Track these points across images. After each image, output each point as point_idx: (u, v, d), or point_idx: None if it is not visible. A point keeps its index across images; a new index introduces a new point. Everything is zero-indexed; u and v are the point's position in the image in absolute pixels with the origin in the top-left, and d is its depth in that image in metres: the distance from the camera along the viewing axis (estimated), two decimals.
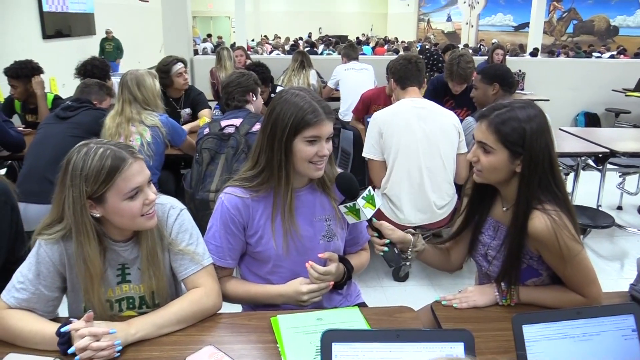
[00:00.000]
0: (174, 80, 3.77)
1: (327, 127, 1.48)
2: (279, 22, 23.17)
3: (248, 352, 1.31)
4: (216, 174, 2.67)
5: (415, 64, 3.03)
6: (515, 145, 1.43)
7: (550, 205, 1.44)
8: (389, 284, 3.24)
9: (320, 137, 1.48)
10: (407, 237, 1.60)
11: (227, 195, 1.56)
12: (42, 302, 1.36)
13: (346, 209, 1.48)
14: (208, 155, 2.71)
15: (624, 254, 3.74)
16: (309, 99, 1.47)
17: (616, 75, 7.42)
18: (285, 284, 1.58)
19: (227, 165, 2.67)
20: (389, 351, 0.96)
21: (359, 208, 1.46)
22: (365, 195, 1.47)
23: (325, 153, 1.50)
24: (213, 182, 2.66)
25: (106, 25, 11.35)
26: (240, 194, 1.55)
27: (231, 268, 1.65)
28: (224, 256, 1.58)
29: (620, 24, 19.57)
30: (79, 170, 1.29)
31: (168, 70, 3.74)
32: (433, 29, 23.64)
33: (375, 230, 1.55)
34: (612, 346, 1.12)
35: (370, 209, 1.47)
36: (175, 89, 3.85)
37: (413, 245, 1.61)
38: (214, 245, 1.57)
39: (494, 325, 1.42)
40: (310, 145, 1.47)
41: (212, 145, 2.73)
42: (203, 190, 2.66)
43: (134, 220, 1.35)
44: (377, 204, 1.49)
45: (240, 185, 1.56)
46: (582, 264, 1.44)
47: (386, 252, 1.53)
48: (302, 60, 5.49)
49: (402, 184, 2.90)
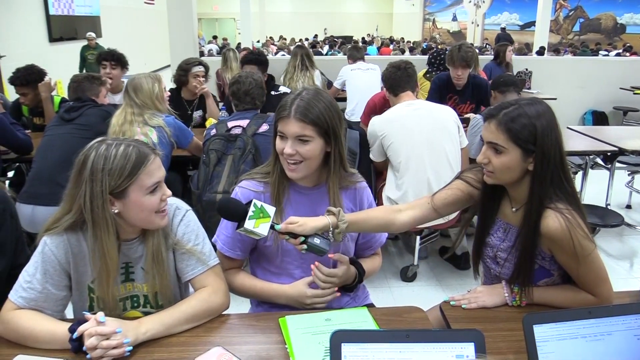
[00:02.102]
0: (190, 79, 3.86)
1: (292, 126, 1.45)
2: (284, 23, 23.17)
3: (256, 353, 1.30)
4: (223, 175, 2.67)
5: (405, 70, 3.07)
6: (527, 142, 1.42)
7: (562, 204, 1.42)
8: (397, 285, 3.23)
9: (285, 135, 1.47)
10: (321, 222, 1.43)
11: (241, 188, 1.59)
12: (51, 301, 1.37)
13: (245, 232, 1.39)
14: (215, 157, 2.71)
15: (634, 253, 3.71)
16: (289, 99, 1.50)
17: (624, 73, 7.37)
18: (291, 284, 1.58)
19: (234, 167, 2.67)
20: (398, 351, 0.96)
21: (252, 230, 1.36)
22: (252, 213, 1.37)
23: (288, 152, 1.46)
24: (220, 184, 2.66)
25: (112, 27, 11.34)
26: (254, 187, 1.57)
27: (240, 260, 1.65)
28: (233, 247, 1.60)
29: (627, 22, 19.42)
30: (100, 165, 1.30)
31: (188, 69, 3.85)
32: (438, 28, 23.57)
33: (286, 234, 1.41)
34: (624, 346, 1.11)
35: (264, 223, 1.37)
36: (189, 90, 3.90)
37: (334, 227, 1.44)
38: (225, 235, 1.60)
39: (503, 325, 1.41)
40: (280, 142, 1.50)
41: (219, 146, 2.73)
42: (210, 192, 2.66)
43: (151, 215, 1.37)
44: (270, 210, 1.39)
45: (254, 178, 1.59)
46: (595, 263, 1.43)
47: (307, 249, 1.41)
48: (302, 56, 5.32)
49: (409, 188, 2.90)
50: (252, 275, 1.70)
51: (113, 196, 1.33)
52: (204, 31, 20.77)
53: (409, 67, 3.10)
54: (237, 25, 21.42)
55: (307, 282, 1.55)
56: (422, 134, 2.88)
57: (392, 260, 3.54)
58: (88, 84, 3.20)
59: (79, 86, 3.19)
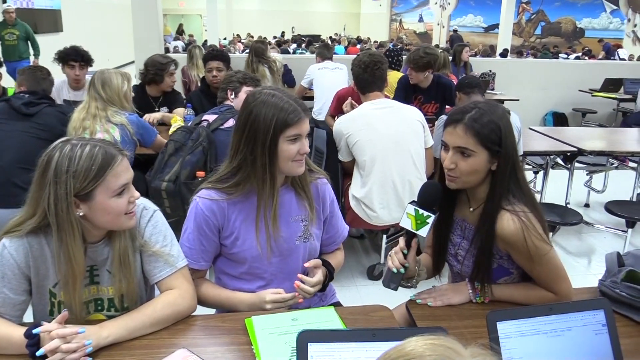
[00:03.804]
0: (165, 78, 3.81)
1: (306, 125, 1.50)
2: (251, 21, 23.02)
3: (222, 354, 1.29)
4: (176, 165, 2.66)
5: (371, 70, 3.03)
6: (494, 144, 1.44)
7: (519, 205, 1.45)
8: (363, 283, 3.25)
9: (301, 135, 1.49)
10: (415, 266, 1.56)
11: (201, 198, 1.55)
12: (8, 306, 1.31)
13: (414, 213, 1.42)
14: (172, 147, 2.73)
15: (592, 250, 3.83)
16: (286, 99, 1.48)
17: (583, 76, 7.60)
18: (253, 294, 1.56)
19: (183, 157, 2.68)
20: (365, 350, 0.96)
21: (429, 222, 1.41)
22: (434, 217, 1.43)
23: (307, 150, 1.51)
24: (170, 173, 2.67)
25: (74, 22, 11.00)
26: (215, 196, 1.54)
27: (204, 270, 1.63)
28: (197, 258, 1.57)
29: (586, 26, 20.08)
30: (64, 167, 1.25)
31: (164, 68, 3.79)
32: (405, 29, 23.83)
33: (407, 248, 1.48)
34: (583, 341, 1.14)
35: (427, 230, 1.43)
36: (159, 87, 3.87)
37: (418, 275, 1.57)
38: (188, 247, 1.56)
39: (467, 323, 1.44)
40: (292, 144, 1.48)
41: (180, 137, 2.76)
42: (159, 179, 2.65)
43: (118, 218, 1.33)
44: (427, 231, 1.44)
45: (214, 187, 1.55)
46: (551, 263, 1.46)
47: (399, 272, 1.47)
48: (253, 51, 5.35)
49: (374, 186, 2.92)
50: (217, 282, 1.68)
51: (78, 199, 1.28)
52: (170, 27, 20.45)
53: (377, 68, 3.05)
54: (203, 22, 21.15)
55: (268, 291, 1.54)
56: (388, 133, 2.90)
57: (359, 259, 3.55)
58: (30, 75, 3.01)
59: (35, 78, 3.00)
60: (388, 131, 2.91)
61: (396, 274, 1.47)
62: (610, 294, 1.52)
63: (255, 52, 5.44)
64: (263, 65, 5.36)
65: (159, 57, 3.93)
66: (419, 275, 1.57)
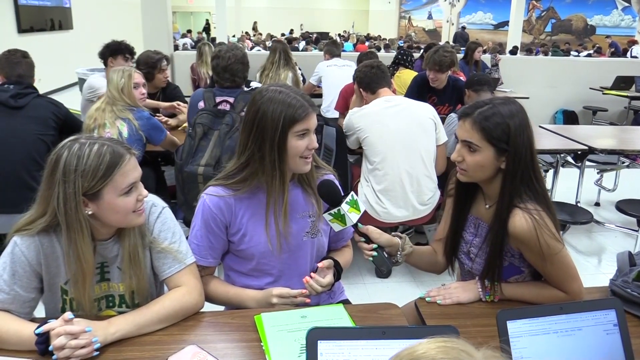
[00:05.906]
0: (156, 76, 3.77)
1: (314, 119, 1.50)
2: (260, 18, 23.02)
3: (232, 351, 1.29)
4: (208, 149, 2.65)
5: (378, 67, 3.13)
6: (501, 141, 1.43)
7: (532, 204, 1.44)
8: (371, 281, 3.25)
9: (309, 130, 1.49)
10: (394, 240, 1.58)
11: (208, 195, 1.55)
12: (18, 303, 1.33)
13: (331, 216, 1.46)
14: (201, 130, 2.69)
15: (602, 249, 3.80)
16: (293, 95, 1.48)
17: (593, 73, 7.53)
18: (261, 290, 1.56)
19: (219, 141, 2.65)
20: (375, 348, 0.96)
21: (343, 213, 1.44)
22: (349, 200, 1.45)
23: (315, 145, 1.51)
24: (204, 157, 2.64)
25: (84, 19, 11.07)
26: (222, 193, 1.54)
27: (213, 267, 1.64)
28: (205, 255, 1.58)
29: (597, 24, 19.90)
30: (73, 166, 1.26)
31: (155, 65, 3.75)
32: (414, 26, 23.75)
33: (362, 235, 1.52)
34: (594, 341, 1.13)
35: (355, 214, 1.45)
36: (153, 84, 3.82)
37: (401, 249, 1.59)
38: (196, 244, 1.56)
39: (477, 321, 1.43)
40: (301, 140, 1.48)
41: (206, 120, 2.72)
42: (193, 164, 2.63)
43: (127, 216, 1.34)
44: (361, 208, 1.47)
45: (221, 184, 1.56)
46: (563, 262, 1.45)
47: (375, 257, 1.51)
48: (281, 52, 5.17)
49: (383, 184, 2.92)
50: (226, 279, 1.69)
51: (86, 197, 1.29)
52: (179, 24, 20.50)
53: (381, 65, 3.17)
54: (212, 20, 21.17)
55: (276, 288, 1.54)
56: (398, 131, 2.91)
57: None
58: (15, 60, 2.79)
59: (9, 63, 2.75)
60: (398, 129, 2.91)
61: (377, 257, 1.51)
62: (621, 294, 1.51)
63: (285, 52, 5.20)
64: (288, 70, 5.16)
65: (150, 53, 3.87)
66: (402, 249, 1.59)
